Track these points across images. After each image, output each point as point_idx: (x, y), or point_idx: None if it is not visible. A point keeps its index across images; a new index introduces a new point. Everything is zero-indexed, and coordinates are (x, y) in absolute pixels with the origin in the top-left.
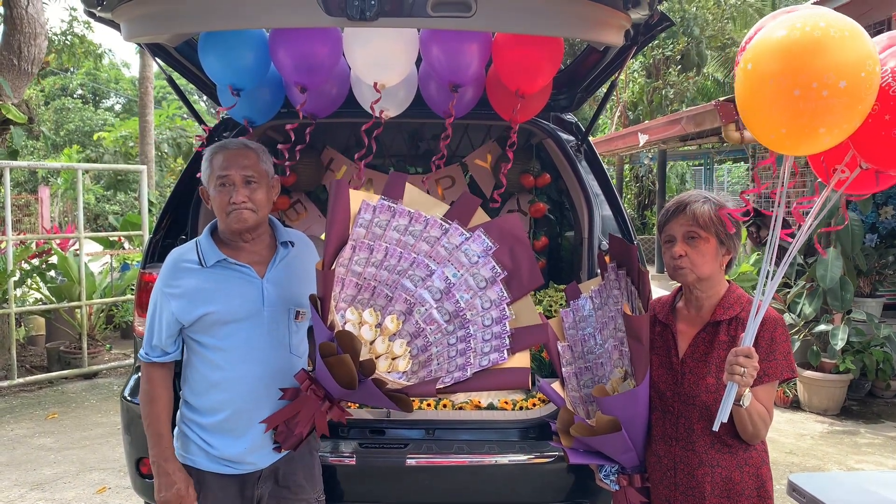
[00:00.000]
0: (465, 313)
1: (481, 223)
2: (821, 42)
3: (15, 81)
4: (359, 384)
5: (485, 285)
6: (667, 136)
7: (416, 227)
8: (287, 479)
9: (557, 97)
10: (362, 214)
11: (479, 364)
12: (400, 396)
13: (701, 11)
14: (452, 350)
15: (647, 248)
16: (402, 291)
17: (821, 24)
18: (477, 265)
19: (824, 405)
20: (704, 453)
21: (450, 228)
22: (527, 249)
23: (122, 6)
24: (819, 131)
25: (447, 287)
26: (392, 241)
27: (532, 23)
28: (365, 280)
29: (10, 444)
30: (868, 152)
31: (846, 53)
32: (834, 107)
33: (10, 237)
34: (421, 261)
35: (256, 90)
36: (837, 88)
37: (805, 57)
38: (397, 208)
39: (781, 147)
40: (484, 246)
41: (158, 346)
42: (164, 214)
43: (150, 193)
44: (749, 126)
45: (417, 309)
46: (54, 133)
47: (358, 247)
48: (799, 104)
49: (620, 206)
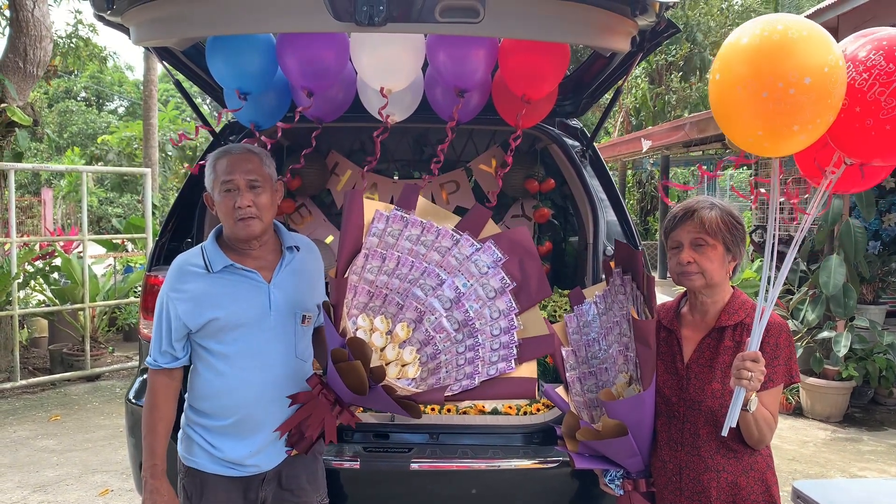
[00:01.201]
0: (473, 322)
1: (492, 234)
2: (781, 44)
3: (20, 84)
4: (369, 390)
5: (494, 295)
6: (670, 142)
7: (428, 238)
8: (290, 482)
9: (563, 103)
10: (375, 224)
11: (487, 373)
12: (409, 403)
13: (704, 18)
14: (461, 358)
15: (651, 254)
16: (413, 300)
17: (779, 28)
18: (487, 276)
19: (827, 412)
20: (710, 458)
21: (461, 239)
22: (536, 261)
23: (131, 10)
24: (793, 129)
25: (457, 296)
26: (404, 251)
27: (539, 29)
28: (377, 288)
29: (13, 446)
30: (847, 147)
31: (807, 51)
32: (803, 103)
33: (14, 239)
34: (432, 270)
35: (263, 94)
36: (803, 85)
37: (768, 59)
38: (410, 218)
39: (762, 150)
40: (494, 257)
41: (167, 352)
42: (169, 217)
43: (153, 196)
44: (728, 133)
45: (427, 317)
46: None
47: (371, 255)
48: (769, 105)
49: (625, 212)
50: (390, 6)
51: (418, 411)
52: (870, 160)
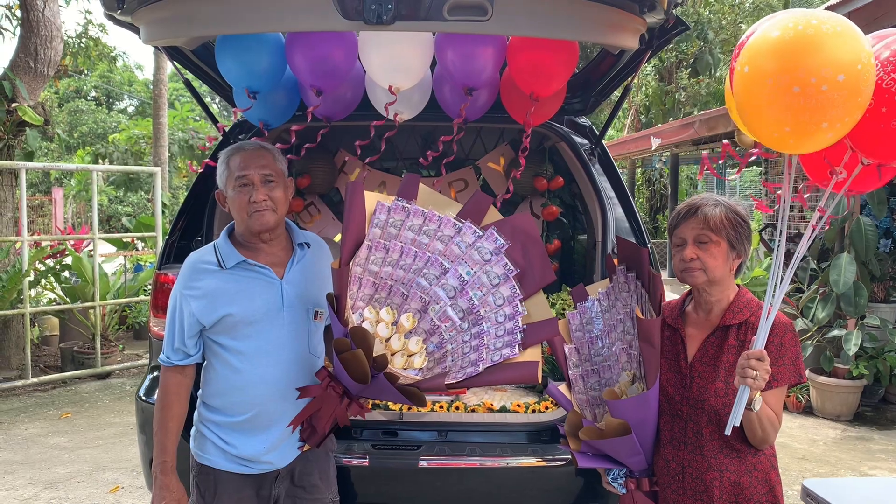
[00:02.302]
0: (478, 310)
1: (494, 221)
2: (815, 39)
3: (31, 83)
4: (371, 379)
5: (498, 282)
6: (679, 140)
7: (431, 227)
8: (303, 480)
9: (572, 101)
10: (377, 215)
11: (491, 359)
12: (412, 391)
13: (716, 16)
14: (466, 346)
15: (660, 252)
16: (418, 290)
17: (813, 22)
18: (490, 262)
19: (837, 411)
20: (713, 457)
21: (463, 227)
22: (539, 246)
23: (141, 9)
24: (822, 126)
25: (461, 285)
26: (407, 241)
27: (548, 27)
28: (381, 279)
29: (25, 444)
30: (868, 147)
31: (841, 48)
32: (834, 100)
33: (25, 237)
34: (435, 259)
35: (272, 93)
36: (836, 82)
37: (802, 54)
38: (411, 208)
39: (785, 146)
40: (497, 244)
41: (180, 349)
42: (179, 216)
43: (163, 195)
44: (751, 128)
45: (432, 307)
46: (68, 135)
47: (374, 246)
48: (800, 100)
49: (634, 210)
50: (399, 5)
51: (423, 400)
52: (890, 161)
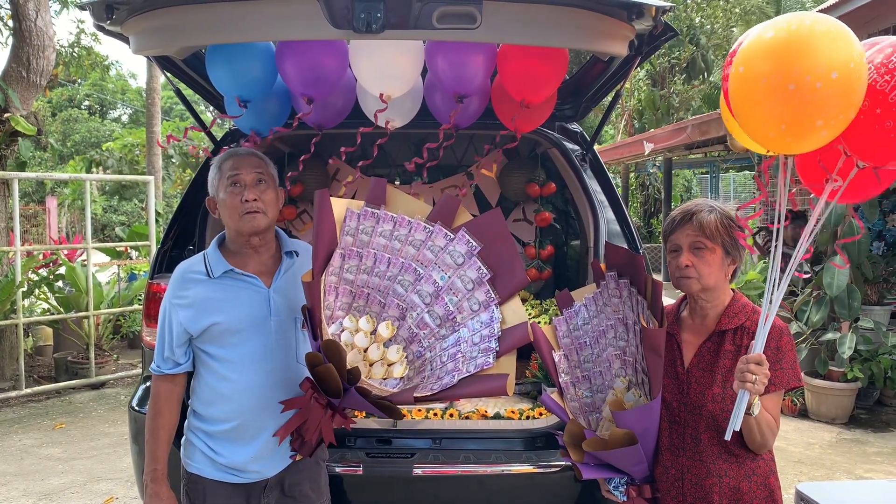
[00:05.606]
0: (455, 317)
1: (464, 222)
2: (809, 38)
3: (24, 93)
4: (345, 392)
5: (472, 287)
6: (672, 145)
7: (401, 232)
8: (293, 489)
9: (562, 107)
10: (347, 222)
11: (467, 369)
12: (385, 404)
13: (708, 20)
14: (444, 354)
15: (654, 257)
16: (395, 297)
17: (806, 23)
18: (463, 266)
19: (832, 414)
20: (712, 463)
21: (433, 230)
22: (511, 246)
23: (130, 20)
24: (817, 123)
25: (436, 290)
26: (379, 247)
27: (537, 34)
28: (358, 287)
29: (18, 455)
30: (864, 149)
31: (834, 46)
32: (829, 97)
33: (18, 247)
34: (409, 265)
35: (263, 101)
36: (830, 79)
37: (796, 53)
38: (380, 214)
39: (781, 146)
40: (469, 246)
41: (170, 358)
42: (171, 225)
43: (156, 204)
44: (746, 128)
45: (410, 314)
46: (61, 144)
47: (347, 255)
48: (795, 98)
49: (626, 215)
50: (388, 13)
51: (398, 412)
52: (886, 163)
